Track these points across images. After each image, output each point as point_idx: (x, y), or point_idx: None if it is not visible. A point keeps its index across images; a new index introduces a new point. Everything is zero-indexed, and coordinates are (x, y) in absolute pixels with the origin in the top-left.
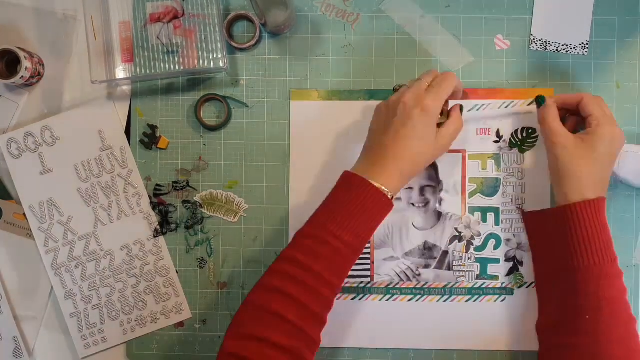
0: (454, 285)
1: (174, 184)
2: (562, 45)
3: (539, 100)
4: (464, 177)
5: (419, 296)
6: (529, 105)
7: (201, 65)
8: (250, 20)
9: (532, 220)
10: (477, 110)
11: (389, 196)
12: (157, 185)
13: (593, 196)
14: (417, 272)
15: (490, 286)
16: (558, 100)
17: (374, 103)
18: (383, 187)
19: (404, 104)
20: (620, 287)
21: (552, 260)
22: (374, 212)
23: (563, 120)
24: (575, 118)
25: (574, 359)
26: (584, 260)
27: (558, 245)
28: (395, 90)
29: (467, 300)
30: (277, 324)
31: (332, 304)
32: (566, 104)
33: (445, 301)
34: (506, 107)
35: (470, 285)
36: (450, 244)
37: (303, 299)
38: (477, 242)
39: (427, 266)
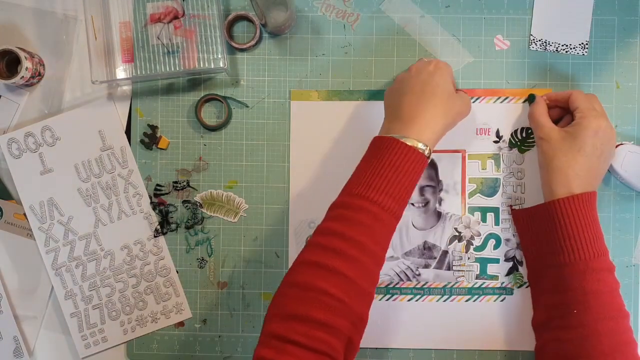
0: (453, 285)
1: (174, 184)
2: (562, 46)
3: (531, 99)
4: (463, 177)
5: (418, 296)
6: (523, 102)
7: (201, 66)
8: (250, 20)
9: (520, 218)
10: (473, 102)
11: (426, 153)
12: (158, 185)
13: (579, 191)
14: (417, 272)
15: (489, 286)
16: (550, 97)
17: (374, 103)
18: (417, 143)
19: (417, 68)
20: (608, 281)
21: (541, 257)
22: (409, 170)
23: (560, 119)
24: (570, 116)
25: (564, 353)
26: (569, 255)
27: (545, 242)
28: None
29: (466, 300)
30: (323, 301)
31: (377, 278)
32: (557, 100)
33: (445, 301)
34: (501, 102)
35: (469, 285)
36: (450, 243)
37: (348, 272)
38: (477, 242)
39: (426, 266)
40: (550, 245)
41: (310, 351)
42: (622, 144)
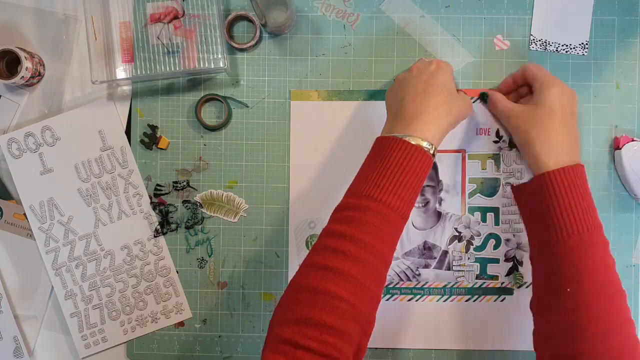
0: (453, 285)
1: (174, 184)
2: (562, 45)
3: (484, 97)
4: (463, 177)
5: (418, 296)
6: (479, 102)
7: (201, 66)
8: (250, 20)
9: (518, 194)
10: (474, 102)
11: (431, 152)
12: (158, 185)
13: (566, 161)
14: (417, 272)
15: (489, 286)
16: (507, 81)
17: (374, 103)
18: (422, 142)
19: (418, 68)
20: (603, 256)
21: (538, 233)
22: (416, 170)
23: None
24: (525, 99)
25: (558, 336)
26: (561, 230)
27: (540, 217)
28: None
29: (466, 300)
30: (334, 305)
31: (385, 280)
32: (516, 81)
33: (445, 301)
34: None
35: (469, 285)
36: (450, 243)
37: (358, 275)
38: (477, 242)
39: (426, 266)
40: (544, 221)
41: (322, 356)
42: (633, 140)
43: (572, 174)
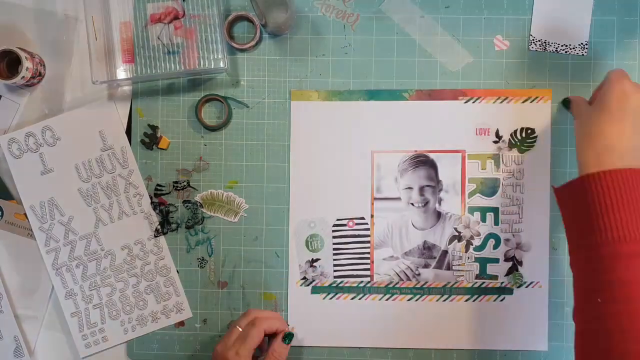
0: (453, 284)
1: (175, 184)
2: (562, 46)
3: (565, 104)
4: (463, 177)
5: (418, 296)
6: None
7: (202, 66)
8: (250, 20)
9: (560, 195)
10: (473, 103)
11: None
12: (158, 185)
13: (610, 162)
14: (417, 272)
15: (489, 286)
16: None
17: (374, 103)
18: None
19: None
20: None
21: (574, 237)
22: None
23: None
24: None
25: (591, 349)
26: (597, 236)
27: (578, 221)
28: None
29: (466, 300)
30: None
31: None
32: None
33: (444, 301)
34: (501, 102)
35: (469, 285)
36: (449, 243)
37: None
38: (477, 241)
39: (426, 266)
40: (581, 224)
41: None
42: None
43: (616, 178)
